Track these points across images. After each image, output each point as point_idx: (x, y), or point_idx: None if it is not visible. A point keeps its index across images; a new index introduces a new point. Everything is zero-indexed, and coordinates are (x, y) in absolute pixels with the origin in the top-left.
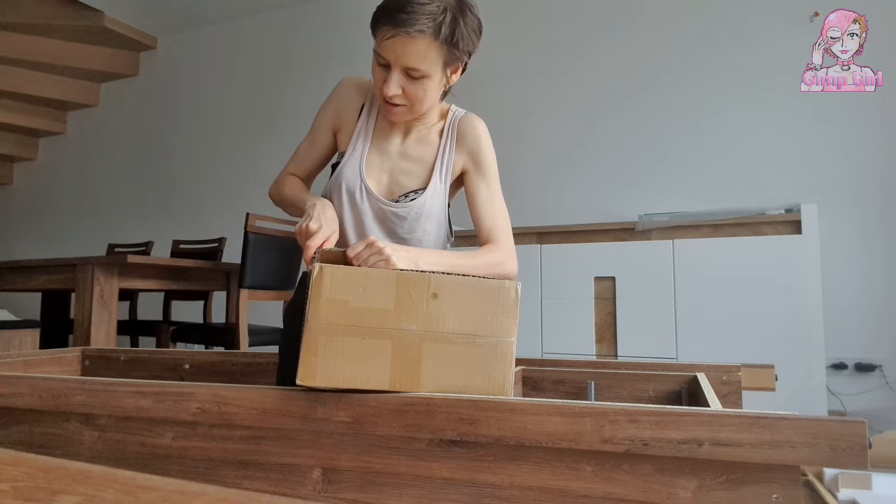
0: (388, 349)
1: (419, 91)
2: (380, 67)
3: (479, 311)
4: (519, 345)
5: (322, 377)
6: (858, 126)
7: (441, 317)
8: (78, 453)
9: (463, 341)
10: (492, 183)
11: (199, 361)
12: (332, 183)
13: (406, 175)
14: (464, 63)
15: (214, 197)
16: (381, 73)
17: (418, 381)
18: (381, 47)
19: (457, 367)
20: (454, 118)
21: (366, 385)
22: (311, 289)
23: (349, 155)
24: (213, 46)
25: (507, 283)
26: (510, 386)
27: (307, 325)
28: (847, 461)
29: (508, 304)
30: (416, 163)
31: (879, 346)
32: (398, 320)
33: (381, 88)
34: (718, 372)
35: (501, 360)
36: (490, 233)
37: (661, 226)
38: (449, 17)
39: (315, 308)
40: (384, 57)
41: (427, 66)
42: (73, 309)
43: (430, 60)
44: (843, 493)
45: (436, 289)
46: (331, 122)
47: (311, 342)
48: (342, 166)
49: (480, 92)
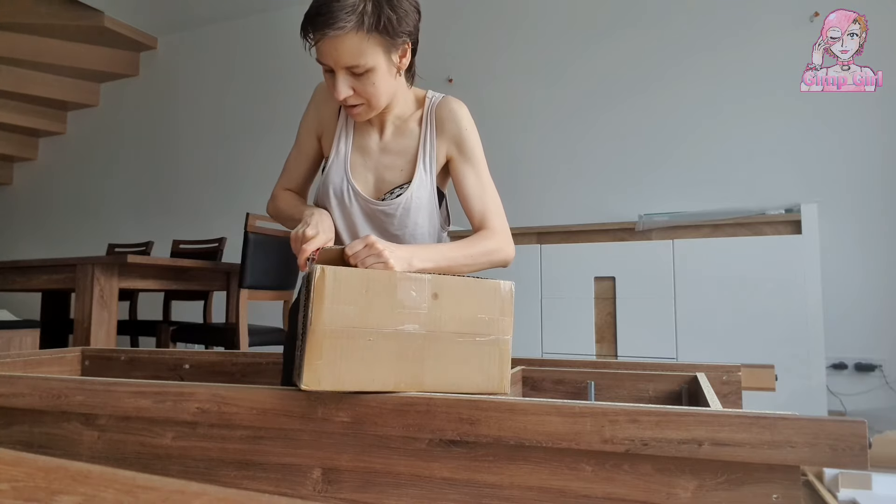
0: (392, 350)
1: (369, 86)
2: (326, 74)
3: (477, 310)
4: (519, 345)
5: (327, 381)
6: (858, 126)
7: (442, 317)
8: (78, 453)
9: (463, 340)
10: (478, 167)
11: (199, 361)
12: (320, 188)
13: (390, 170)
14: (408, 44)
15: (214, 197)
16: (329, 79)
17: (422, 382)
18: (317, 54)
19: (458, 366)
20: (432, 104)
21: (371, 387)
22: (313, 291)
23: (333, 158)
24: (213, 46)
25: (502, 283)
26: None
27: (310, 329)
28: (847, 461)
29: (505, 303)
30: (399, 156)
31: (879, 346)
32: (401, 321)
33: (333, 94)
34: (718, 372)
35: (500, 358)
36: (483, 218)
37: (661, 226)
38: (370, 4)
39: (318, 311)
40: (324, 62)
41: (366, 60)
42: (73, 309)
43: (367, 53)
44: (843, 493)
45: (436, 289)
46: (313, 129)
47: (314, 346)
48: (328, 171)
49: (481, 92)
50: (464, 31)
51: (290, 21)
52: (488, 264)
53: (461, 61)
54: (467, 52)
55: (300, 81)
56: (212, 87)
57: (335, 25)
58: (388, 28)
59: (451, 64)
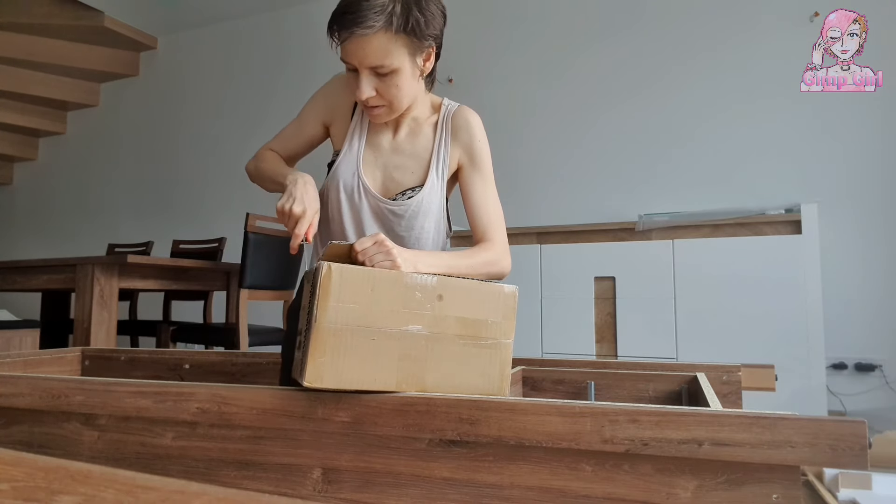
0: (395, 350)
1: (392, 88)
2: (350, 73)
3: (480, 313)
4: (519, 345)
5: (330, 379)
6: (858, 126)
7: (446, 318)
8: (78, 453)
9: (466, 343)
10: (486, 178)
11: (199, 361)
12: (328, 181)
13: (400, 170)
14: (433, 48)
15: (214, 197)
16: (352, 79)
17: (423, 382)
18: (343, 52)
19: (459, 368)
20: (448, 112)
21: (372, 386)
22: (319, 288)
23: (345, 152)
24: (213, 46)
25: (506, 287)
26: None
27: (315, 326)
28: (847, 461)
29: (508, 307)
30: (411, 158)
31: (879, 346)
32: (405, 321)
33: (355, 93)
34: (718, 372)
35: (500, 361)
36: (485, 230)
37: (661, 226)
38: (399, 5)
39: (323, 308)
40: (348, 62)
41: (392, 61)
42: (73, 309)
43: (393, 54)
44: (843, 493)
45: (441, 290)
46: (321, 115)
47: (318, 343)
48: (338, 164)
49: (481, 92)
50: (464, 32)
51: (290, 21)
52: (486, 276)
53: (461, 61)
54: (467, 52)
55: (300, 81)
56: (212, 87)
57: (364, 24)
58: (415, 30)
59: (451, 64)
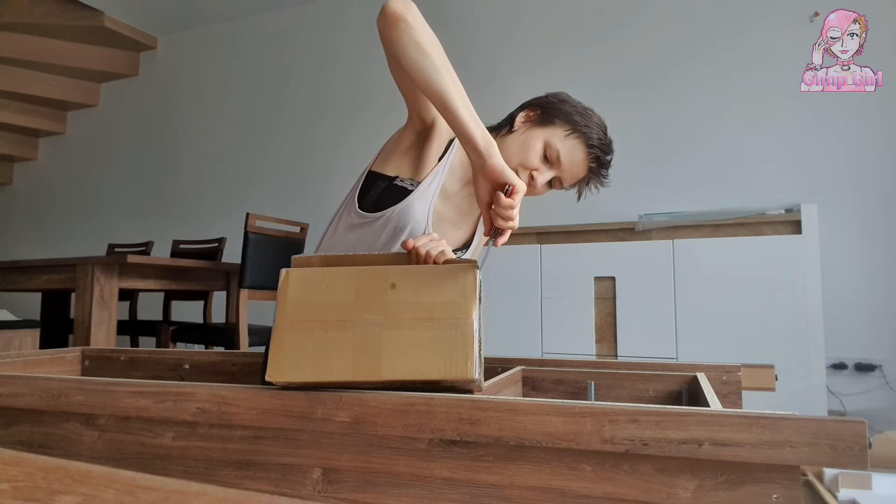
0: (350, 341)
1: (544, 191)
2: (541, 154)
3: (437, 295)
4: (519, 345)
5: (290, 373)
6: (858, 126)
7: (399, 305)
8: (78, 453)
9: (421, 326)
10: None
11: (199, 361)
12: (399, 209)
13: (454, 228)
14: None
15: (214, 197)
16: (537, 159)
17: (380, 370)
18: (567, 155)
19: (417, 351)
20: None
21: (329, 377)
22: (279, 291)
23: (423, 189)
24: (213, 46)
25: (465, 266)
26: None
27: (275, 325)
28: (847, 461)
29: (466, 285)
30: (464, 216)
31: (879, 346)
32: (359, 312)
33: (528, 169)
34: (718, 372)
35: (462, 340)
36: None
37: (661, 226)
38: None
39: (282, 308)
40: (560, 161)
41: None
42: (73, 309)
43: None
44: (843, 493)
45: (394, 279)
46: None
47: (278, 339)
48: (414, 198)
49: (481, 92)
50: (463, 31)
51: (290, 21)
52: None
53: (461, 61)
54: (467, 52)
55: (300, 81)
56: (212, 87)
57: (605, 176)
58: (590, 182)
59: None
